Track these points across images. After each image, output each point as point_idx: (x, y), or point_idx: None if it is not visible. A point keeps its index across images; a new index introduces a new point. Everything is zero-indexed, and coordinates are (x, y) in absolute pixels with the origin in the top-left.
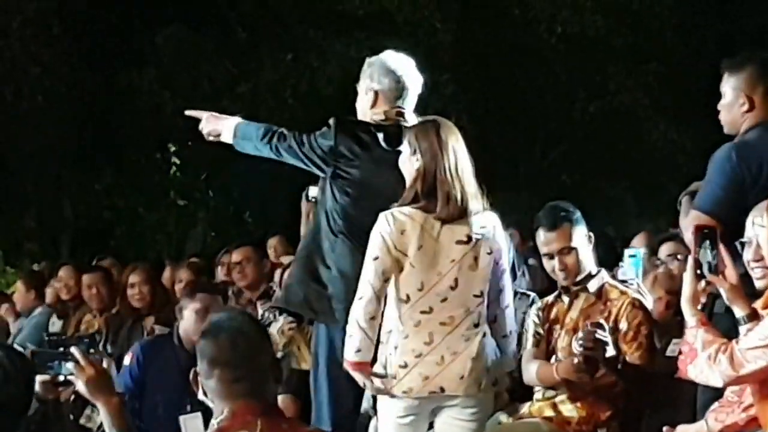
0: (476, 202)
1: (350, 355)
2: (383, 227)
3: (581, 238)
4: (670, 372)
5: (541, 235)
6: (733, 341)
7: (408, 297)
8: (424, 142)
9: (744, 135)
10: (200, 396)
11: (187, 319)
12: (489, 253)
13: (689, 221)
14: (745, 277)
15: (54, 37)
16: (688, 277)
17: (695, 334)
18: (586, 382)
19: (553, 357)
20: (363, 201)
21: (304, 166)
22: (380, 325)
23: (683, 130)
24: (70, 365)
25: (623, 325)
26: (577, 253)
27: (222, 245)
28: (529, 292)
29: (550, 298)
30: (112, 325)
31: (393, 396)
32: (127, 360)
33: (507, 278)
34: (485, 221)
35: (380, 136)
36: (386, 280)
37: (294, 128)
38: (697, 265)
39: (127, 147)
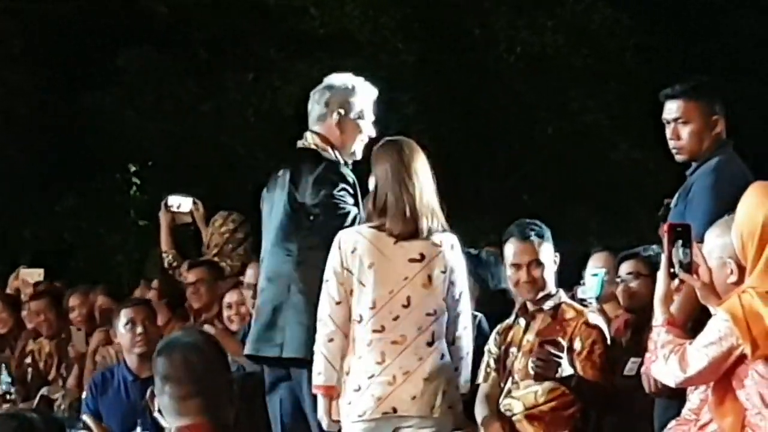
0: (432, 220)
1: (315, 379)
2: (333, 248)
3: (549, 255)
4: (628, 391)
5: (511, 246)
6: (687, 342)
7: (361, 317)
8: (382, 161)
9: (725, 157)
10: (155, 414)
11: (119, 336)
12: (443, 272)
13: None
14: None
15: (16, 57)
16: (660, 276)
17: (658, 333)
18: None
19: (509, 380)
20: None
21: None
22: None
23: (646, 150)
24: None
25: (577, 345)
26: (544, 269)
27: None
28: (476, 313)
29: (508, 322)
30: (64, 349)
31: (351, 422)
32: (84, 394)
33: (465, 299)
34: (442, 240)
35: None
36: (338, 303)
37: (255, 147)
38: (671, 263)
39: (88, 168)
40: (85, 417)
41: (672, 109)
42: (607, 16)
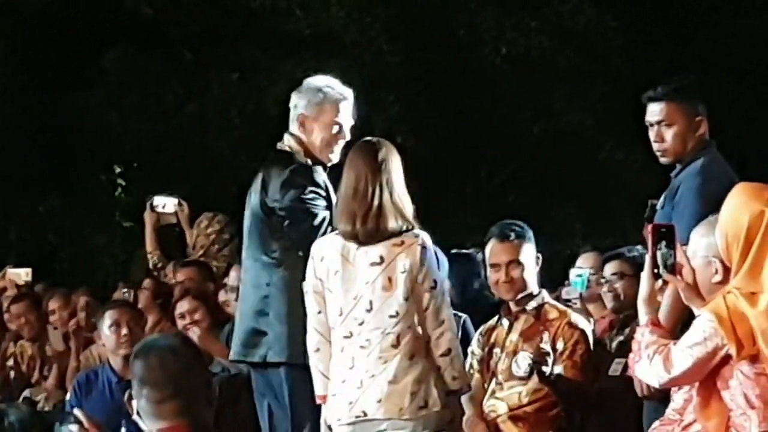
0: (398, 221)
1: (314, 389)
2: (309, 259)
3: (530, 255)
4: (613, 391)
5: (492, 246)
6: (671, 342)
7: (333, 324)
8: (351, 163)
9: (710, 157)
10: (134, 417)
11: (104, 338)
12: (403, 272)
13: None
14: None
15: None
16: (644, 276)
17: (642, 334)
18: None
19: (493, 380)
20: None
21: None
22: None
23: (630, 150)
24: (73, 428)
25: (560, 345)
26: (524, 269)
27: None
28: (460, 314)
29: (491, 323)
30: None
31: (330, 428)
32: (68, 395)
33: (437, 297)
34: (404, 240)
35: None
36: (319, 312)
37: (240, 147)
38: (655, 263)
39: (72, 169)
40: (76, 411)
41: (655, 111)
42: (592, 18)
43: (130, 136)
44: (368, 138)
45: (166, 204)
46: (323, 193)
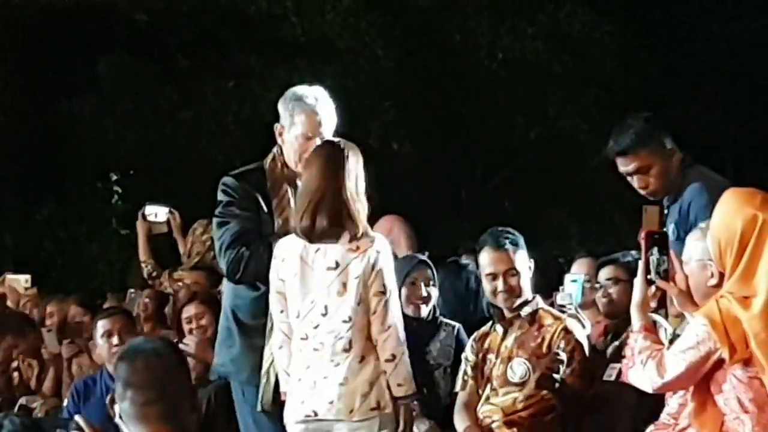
0: (350, 222)
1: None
2: (273, 258)
3: (524, 263)
4: (607, 396)
5: (486, 256)
6: (664, 347)
7: (291, 325)
8: (308, 165)
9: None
10: (116, 420)
11: (98, 347)
12: (357, 278)
13: None
14: None
15: None
16: (638, 282)
17: (635, 339)
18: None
19: (488, 386)
20: None
21: None
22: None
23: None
24: None
25: (557, 351)
26: (521, 277)
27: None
28: (454, 323)
29: (485, 329)
30: (41, 358)
31: (286, 424)
32: (65, 402)
33: (387, 301)
34: (359, 245)
35: None
36: (282, 312)
37: (235, 155)
38: (648, 270)
39: (68, 176)
40: (77, 417)
41: (626, 162)
42: (587, 23)
43: (124, 143)
44: (331, 139)
45: (157, 213)
46: (243, 203)
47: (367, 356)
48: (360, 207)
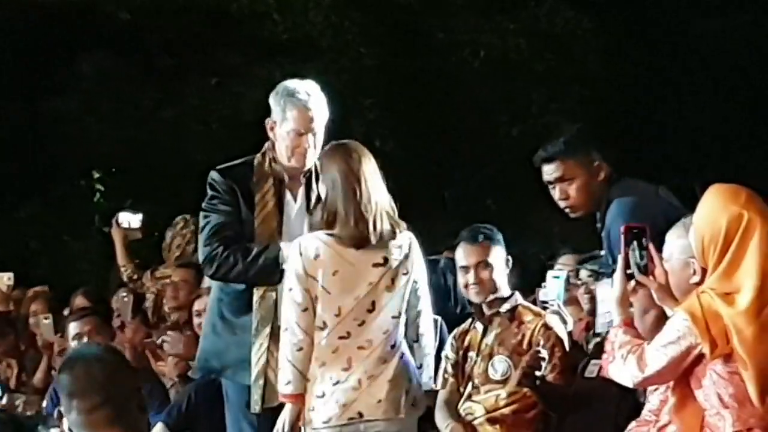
0: (385, 223)
1: (281, 387)
2: (294, 256)
3: (499, 257)
4: (589, 393)
5: (461, 249)
6: (645, 342)
7: (325, 324)
8: (330, 167)
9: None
10: None
11: (69, 348)
12: (405, 274)
13: None
14: None
15: None
16: (617, 277)
17: (616, 334)
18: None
19: (469, 384)
20: None
21: None
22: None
23: (606, 152)
24: (54, 431)
25: (538, 349)
26: (493, 271)
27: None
28: (435, 317)
29: (464, 326)
30: (23, 357)
31: (314, 429)
32: (44, 402)
33: (426, 298)
34: (401, 242)
35: None
36: (305, 310)
37: (218, 153)
38: (627, 264)
39: (50, 174)
40: (57, 413)
41: (551, 170)
42: (569, 20)
43: (106, 141)
44: (342, 141)
45: (131, 221)
46: (227, 197)
47: (406, 354)
48: (391, 202)
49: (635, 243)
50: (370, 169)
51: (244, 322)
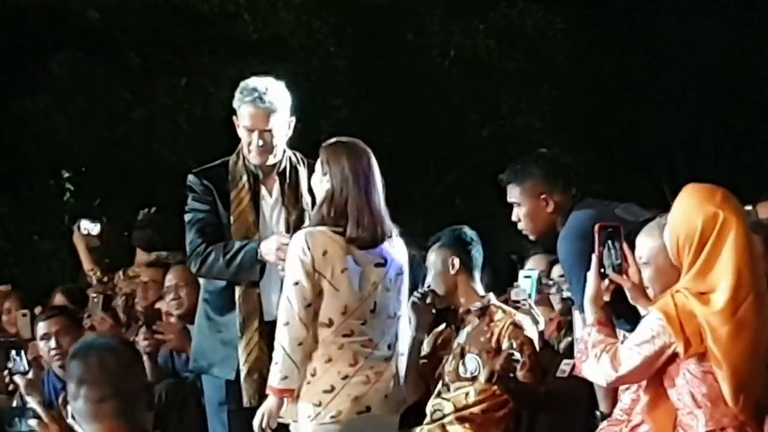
0: (388, 224)
1: (275, 381)
2: (301, 250)
3: (433, 262)
4: (561, 392)
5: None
6: (618, 341)
7: (331, 321)
8: (338, 163)
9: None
10: (69, 420)
11: (38, 347)
12: (399, 275)
13: None
14: None
15: None
16: (591, 276)
17: (589, 333)
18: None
19: (440, 383)
20: None
21: None
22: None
23: (577, 153)
24: (32, 422)
25: (506, 345)
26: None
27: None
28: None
29: (441, 327)
30: None
31: (321, 424)
32: (15, 402)
33: (405, 301)
34: (396, 243)
35: None
36: (309, 305)
37: (188, 152)
38: (601, 263)
39: (20, 173)
40: (34, 405)
41: (509, 193)
42: (540, 20)
43: (77, 141)
44: (346, 139)
45: (90, 229)
46: (206, 196)
47: (399, 353)
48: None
49: (609, 242)
50: (376, 171)
51: (227, 321)
